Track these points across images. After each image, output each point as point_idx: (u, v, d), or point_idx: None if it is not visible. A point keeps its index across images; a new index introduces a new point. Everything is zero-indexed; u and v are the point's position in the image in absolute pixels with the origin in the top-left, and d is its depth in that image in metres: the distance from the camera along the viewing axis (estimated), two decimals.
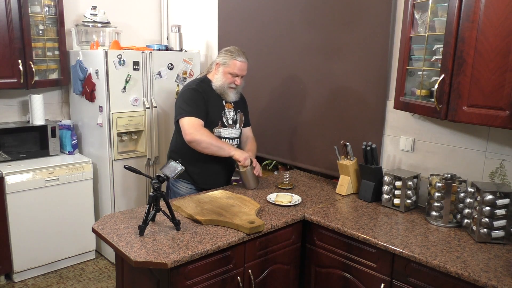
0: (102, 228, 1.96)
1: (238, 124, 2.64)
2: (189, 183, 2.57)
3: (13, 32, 3.05)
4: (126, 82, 3.21)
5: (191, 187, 2.58)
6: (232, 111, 2.60)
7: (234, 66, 2.46)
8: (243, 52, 2.52)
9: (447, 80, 1.88)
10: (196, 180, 2.57)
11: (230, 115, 2.58)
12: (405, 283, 1.86)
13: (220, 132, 2.54)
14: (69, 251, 3.34)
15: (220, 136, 2.54)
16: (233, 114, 2.60)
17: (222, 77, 2.49)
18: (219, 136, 2.54)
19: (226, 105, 2.57)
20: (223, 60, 2.49)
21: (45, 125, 3.31)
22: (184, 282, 1.78)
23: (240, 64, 2.47)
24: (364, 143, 2.42)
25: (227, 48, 2.54)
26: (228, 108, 2.58)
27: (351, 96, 2.70)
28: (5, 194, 2.97)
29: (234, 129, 2.61)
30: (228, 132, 2.57)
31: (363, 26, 2.58)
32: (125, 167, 1.95)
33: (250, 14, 3.28)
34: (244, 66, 2.50)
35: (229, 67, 2.47)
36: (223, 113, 2.55)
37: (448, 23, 1.86)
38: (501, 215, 1.87)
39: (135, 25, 4.00)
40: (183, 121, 2.41)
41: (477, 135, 2.17)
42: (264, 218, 2.10)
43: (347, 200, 2.44)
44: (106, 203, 3.36)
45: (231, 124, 2.59)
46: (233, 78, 2.49)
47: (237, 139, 2.64)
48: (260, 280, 2.09)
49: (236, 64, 2.46)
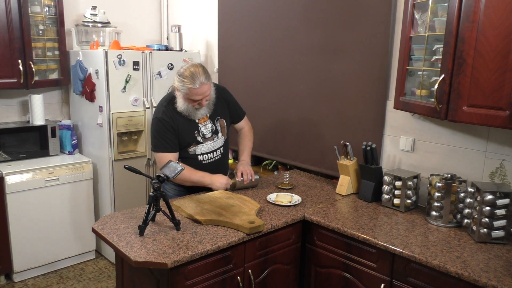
0: (102, 228, 1.96)
1: (220, 133, 2.51)
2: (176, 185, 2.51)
3: (13, 32, 3.05)
4: (126, 82, 3.21)
5: (178, 188, 2.51)
6: (209, 122, 2.46)
7: (191, 93, 2.26)
8: (201, 71, 2.27)
9: (447, 80, 1.88)
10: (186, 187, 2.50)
11: (207, 129, 2.45)
12: (405, 283, 1.86)
13: (196, 149, 2.43)
14: (69, 251, 3.34)
15: (196, 153, 2.44)
16: (211, 125, 2.47)
17: (183, 102, 2.32)
18: (195, 153, 2.44)
19: (199, 121, 2.43)
20: (179, 86, 2.29)
21: (45, 125, 3.31)
22: (184, 282, 1.78)
23: (197, 90, 2.25)
24: (364, 143, 2.42)
25: (182, 69, 2.30)
26: (203, 122, 2.44)
27: (351, 96, 2.70)
28: (5, 194, 2.97)
29: (215, 140, 2.49)
30: (206, 147, 2.46)
31: (363, 26, 2.58)
32: (125, 167, 1.95)
33: (250, 14, 3.28)
34: (203, 89, 2.27)
35: (187, 94, 2.28)
36: (196, 132, 2.42)
37: (448, 23, 1.86)
38: (501, 215, 1.87)
39: (135, 25, 4.00)
40: (156, 156, 2.40)
41: (477, 135, 2.17)
42: (264, 218, 2.10)
43: (347, 200, 2.44)
44: (106, 203, 3.36)
45: (211, 137, 2.47)
46: (194, 102, 2.31)
47: (220, 149, 2.53)
48: (260, 280, 2.09)
49: (192, 91, 2.25)
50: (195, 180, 2.40)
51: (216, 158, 2.53)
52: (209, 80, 2.31)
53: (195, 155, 2.45)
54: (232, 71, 3.52)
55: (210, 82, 2.33)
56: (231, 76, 3.52)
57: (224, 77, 3.59)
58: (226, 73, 3.57)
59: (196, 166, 2.44)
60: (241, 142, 2.71)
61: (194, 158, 2.46)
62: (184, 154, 2.44)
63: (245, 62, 3.36)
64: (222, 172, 2.54)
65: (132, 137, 3.41)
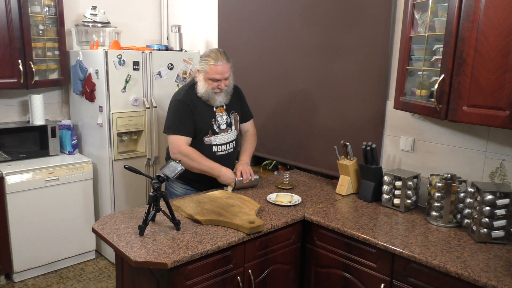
0: (102, 228, 1.96)
1: (234, 126, 2.57)
2: (185, 184, 2.55)
3: (13, 32, 3.05)
4: (126, 82, 3.21)
5: (186, 187, 2.55)
6: (224, 114, 2.51)
7: (212, 71, 2.34)
8: (222, 53, 2.39)
9: (447, 80, 1.88)
10: (192, 184, 2.54)
11: (222, 120, 2.50)
12: (405, 283, 1.86)
13: (211, 140, 2.47)
14: (69, 251, 3.34)
15: (211, 144, 2.47)
16: (226, 117, 2.52)
17: (204, 83, 2.39)
18: (211, 144, 2.47)
19: (217, 110, 2.48)
20: (201, 66, 2.38)
21: (45, 125, 3.31)
22: (184, 282, 1.78)
23: (218, 68, 2.34)
24: (364, 143, 2.42)
25: (205, 52, 2.43)
26: (220, 112, 2.49)
27: (351, 96, 2.70)
28: (5, 194, 2.97)
29: (229, 132, 2.53)
30: (221, 138, 2.50)
31: (363, 26, 2.58)
32: (125, 167, 1.95)
33: (250, 14, 3.28)
34: (224, 68, 2.36)
35: (208, 73, 2.36)
36: (213, 120, 2.46)
37: (448, 23, 1.86)
38: (501, 215, 1.87)
39: (135, 25, 4.00)
40: (169, 138, 2.42)
41: (477, 135, 2.17)
42: (264, 218, 2.10)
43: (347, 200, 2.44)
44: (106, 203, 3.36)
45: (225, 129, 2.51)
46: (215, 83, 2.38)
47: (233, 142, 2.58)
48: (260, 280, 2.09)
49: (213, 69, 2.34)
50: (204, 168, 2.40)
51: (229, 151, 2.56)
52: (229, 62, 2.41)
53: (211, 146, 2.48)
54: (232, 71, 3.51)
55: (230, 64, 2.42)
56: None
57: None
58: None
59: (210, 156, 2.46)
60: (244, 144, 2.73)
61: (209, 148, 2.48)
62: (199, 143, 2.46)
63: (245, 62, 3.36)
64: (231, 166, 2.55)
65: (132, 137, 3.41)
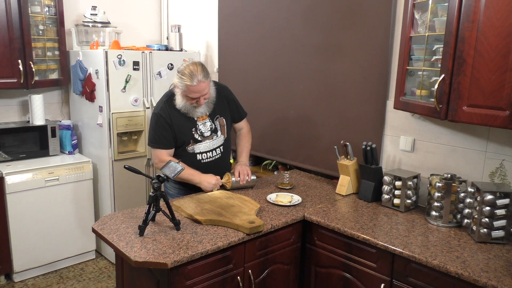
0: (102, 228, 1.96)
1: (220, 131, 2.51)
2: (178, 183, 2.52)
3: (13, 32, 3.05)
4: (126, 82, 3.21)
5: (179, 187, 2.52)
6: (208, 121, 2.45)
7: (189, 90, 2.27)
8: (199, 69, 2.26)
9: (447, 80, 1.88)
10: (184, 184, 2.50)
11: (206, 127, 2.45)
12: (405, 283, 1.86)
13: (194, 148, 2.44)
14: (69, 251, 3.34)
15: (195, 152, 2.44)
16: (210, 124, 2.46)
17: (182, 99, 2.34)
18: (194, 152, 2.44)
19: (198, 119, 2.43)
20: (177, 82, 2.31)
21: (45, 125, 3.31)
22: (184, 282, 1.78)
23: (194, 88, 2.25)
24: (364, 143, 2.42)
25: (180, 67, 2.32)
26: (202, 120, 2.44)
27: (351, 96, 2.70)
28: (5, 194, 2.97)
29: (214, 139, 2.48)
30: (205, 146, 2.46)
31: (363, 26, 2.58)
32: (125, 167, 1.95)
33: (250, 14, 3.28)
34: (200, 87, 2.26)
35: (184, 91, 2.29)
36: (194, 130, 2.42)
37: (448, 23, 1.86)
38: (501, 215, 1.87)
39: (135, 25, 4.00)
40: (151, 151, 2.49)
41: (477, 135, 2.17)
42: (264, 218, 2.10)
43: (347, 200, 2.44)
44: (106, 203, 3.36)
45: (209, 136, 2.46)
46: (193, 99, 2.32)
47: (220, 147, 2.52)
48: (260, 280, 2.09)
49: (189, 88, 2.26)
50: (184, 177, 2.39)
51: (216, 157, 2.53)
52: (207, 78, 2.31)
53: (194, 154, 2.46)
54: (232, 71, 3.52)
55: (208, 80, 2.33)
56: (231, 76, 3.52)
57: (224, 77, 3.59)
58: (226, 73, 3.57)
59: (195, 165, 2.44)
60: (239, 143, 2.70)
61: (193, 156, 2.46)
62: (183, 152, 2.45)
63: (245, 62, 3.36)
64: (223, 171, 2.53)
65: (132, 137, 3.41)
